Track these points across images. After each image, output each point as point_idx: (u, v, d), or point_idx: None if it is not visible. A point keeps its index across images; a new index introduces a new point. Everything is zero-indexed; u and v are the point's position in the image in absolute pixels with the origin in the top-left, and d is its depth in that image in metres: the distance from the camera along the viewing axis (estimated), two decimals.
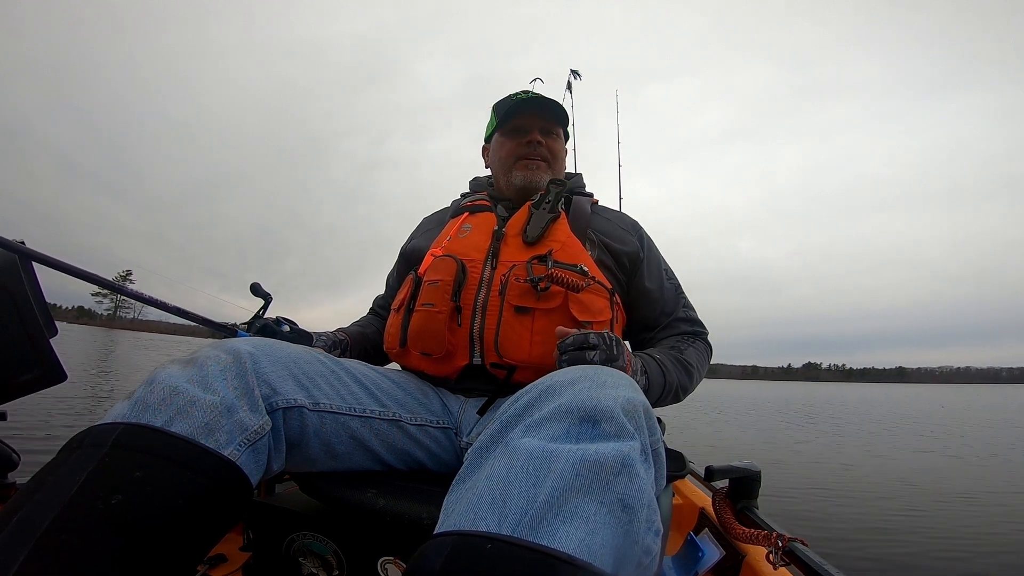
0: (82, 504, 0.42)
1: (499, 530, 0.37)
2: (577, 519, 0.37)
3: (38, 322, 0.68)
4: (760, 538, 0.77)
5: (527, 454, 0.41)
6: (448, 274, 0.82)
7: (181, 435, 0.49)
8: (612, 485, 0.39)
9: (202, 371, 0.55)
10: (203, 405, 0.51)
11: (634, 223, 1.03)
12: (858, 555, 2.58)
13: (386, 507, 0.64)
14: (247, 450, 0.53)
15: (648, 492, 0.42)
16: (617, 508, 0.38)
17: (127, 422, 0.49)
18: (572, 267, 0.81)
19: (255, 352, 0.61)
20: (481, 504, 0.39)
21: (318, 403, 0.64)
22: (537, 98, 1.01)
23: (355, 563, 0.69)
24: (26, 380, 0.69)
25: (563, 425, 0.43)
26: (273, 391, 0.60)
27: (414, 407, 0.77)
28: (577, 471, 0.39)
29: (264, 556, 0.75)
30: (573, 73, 2.48)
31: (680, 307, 1.00)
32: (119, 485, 0.44)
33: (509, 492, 0.39)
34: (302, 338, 0.88)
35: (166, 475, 0.46)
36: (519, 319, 0.78)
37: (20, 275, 0.68)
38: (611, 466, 0.40)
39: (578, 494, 0.38)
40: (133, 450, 0.46)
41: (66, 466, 0.46)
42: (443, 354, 0.81)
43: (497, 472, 0.41)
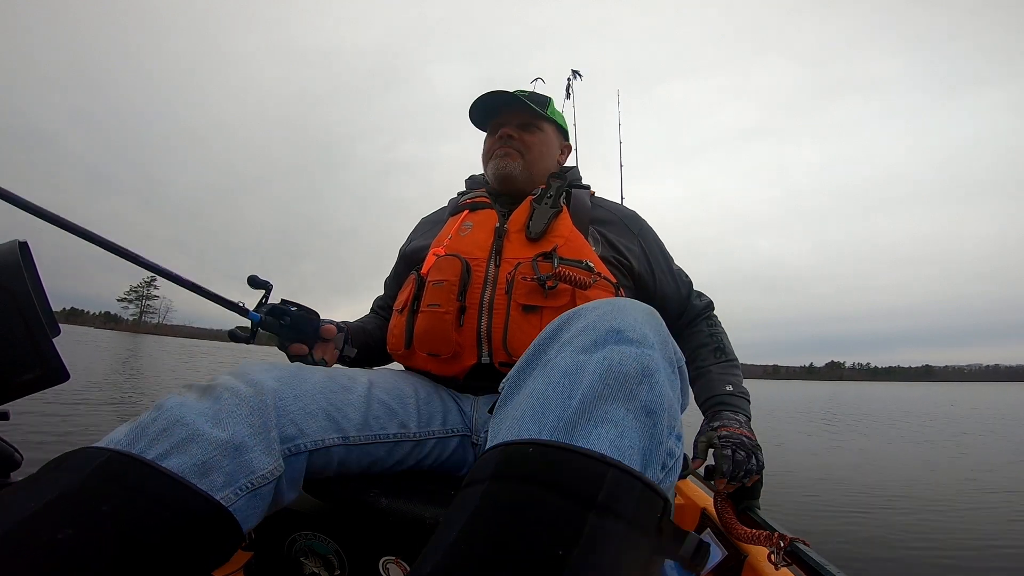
0: (25, 535, 0.38)
1: (539, 436, 0.40)
2: (607, 423, 0.40)
3: (40, 321, 0.68)
4: (762, 538, 0.77)
5: (561, 370, 0.45)
6: (453, 274, 0.82)
7: (170, 472, 0.45)
8: (635, 392, 0.43)
9: (216, 404, 0.53)
10: (205, 441, 0.49)
11: (633, 214, 1.03)
12: (860, 555, 2.58)
13: (388, 507, 0.64)
14: (246, 495, 0.50)
15: (669, 398, 0.45)
16: (641, 413, 0.42)
17: (117, 449, 0.46)
18: (577, 263, 0.81)
19: (280, 389, 0.59)
20: (524, 418, 0.43)
21: (347, 437, 0.64)
22: (501, 94, 1.01)
23: (357, 563, 0.69)
24: (28, 379, 0.69)
25: (591, 337, 0.47)
26: (300, 431, 0.58)
27: (430, 419, 0.76)
28: (604, 380, 0.43)
29: (266, 556, 0.75)
30: (574, 73, 2.48)
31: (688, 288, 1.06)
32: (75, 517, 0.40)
33: (547, 405, 0.43)
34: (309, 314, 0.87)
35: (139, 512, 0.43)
36: (527, 318, 0.77)
37: (23, 274, 0.68)
38: (634, 375, 0.43)
39: (606, 401, 0.42)
40: (110, 481, 0.43)
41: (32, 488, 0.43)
42: (450, 354, 0.81)
43: (536, 389, 0.45)
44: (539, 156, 1.03)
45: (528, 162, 1.01)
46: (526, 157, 1.01)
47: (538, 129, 1.03)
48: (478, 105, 1.03)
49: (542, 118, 1.04)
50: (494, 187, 1.03)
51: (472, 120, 1.08)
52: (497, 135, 1.02)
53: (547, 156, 1.05)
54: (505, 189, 1.01)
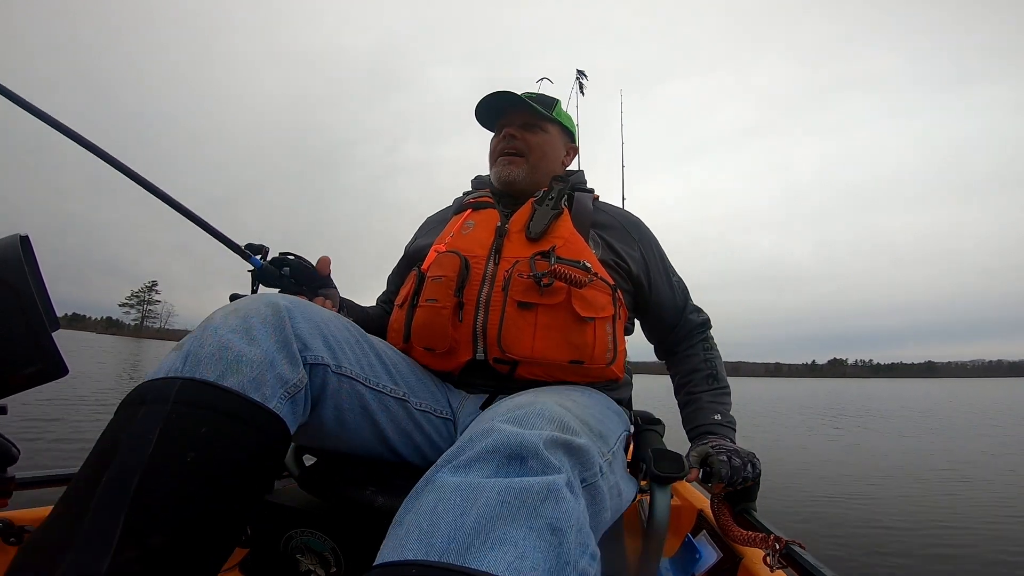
0: (162, 461, 0.45)
1: (427, 558, 0.37)
2: (506, 544, 0.37)
3: (40, 316, 0.68)
4: (758, 540, 0.77)
5: (453, 487, 0.42)
6: (451, 270, 0.83)
7: (234, 390, 0.51)
8: (539, 510, 0.39)
9: (246, 323, 0.57)
10: (250, 359, 0.54)
11: (636, 221, 1.04)
12: (856, 557, 2.58)
13: (384, 504, 0.64)
14: (288, 402, 0.56)
15: (578, 516, 0.42)
16: (546, 532, 0.39)
17: (183, 377, 0.51)
18: (575, 263, 0.82)
19: (291, 307, 0.63)
20: (408, 537, 0.39)
21: (341, 366, 0.66)
22: (506, 94, 1.02)
23: (353, 560, 0.69)
24: (27, 374, 0.69)
25: (491, 465, 0.44)
26: (305, 346, 0.62)
27: (422, 393, 0.78)
28: (503, 499, 0.39)
29: (262, 553, 0.75)
30: (580, 73, 2.49)
31: (684, 299, 1.06)
32: (190, 442, 0.47)
33: (436, 523, 0.39)
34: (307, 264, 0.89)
35: (227, 430, 0.49)
36: (522, 315, 0.78)
37: (23, 269, 0.68)
38: (537, 493, 0.40)
39: (505, 521, 0.38)
40: (194, 406, 0.49)
41: (136, 423, 0.48)
42: (446, 349, 0.81)
43: (425, 507, 0.41)
44: (542, 157, 1.03)
45: (531, 163, 1.02)
46: (528, 158, 1.02)
47: (542, 130, 1.04)
48: (483, 105, 1.04)
49: (546, 119, 1.04)
50: (497, 187, 1.04)
51: (479, 120, 1.09)
52: (501, 135, 1.03)
53: (550, 157, 1.05)
54: (508, 192, 1.03)
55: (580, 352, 0.78)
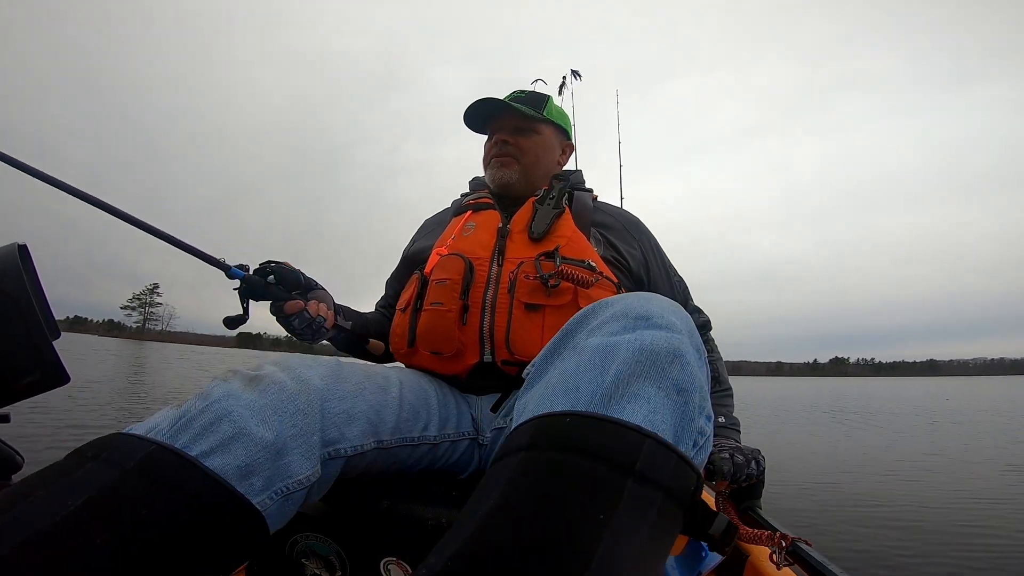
0: (59, 537, 0.37)
1: (574, 408, 0.41)
2: (640, 399, 0.41)
3: (40, 324, 0.68)
4: (763, 538, 0.77)
5: (593, 348, 0.46)
6: (456, 273, 0.82)
7: (213, 472, 0.44)
8: (667, 371, 0.43)
9: (263, 398, 0.51)
10: (250, 442, 0.47)
11: (635, 220, 1.03)
12: (863, 555, 2.57)
13: (389, 508, 0.64)
14: (280, 499, 0.49)
15: (699, 378, 0.46)
16: (672, 391, 0.43)
17: (160, 442, 0.44)
18: (580, 263, 0.81)
19: (325, 389, 0.58)
20: (556, 394, 0.44)
21: (381, 441, 0.64)
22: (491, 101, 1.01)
23: (358, 564, 0.69)
24: (29, 382, 0.69)
25: (620, 323, 0.48)
26: (342, 436, 0.58)
27: (448, 421, 0.77)
28: (637, 358, 0.43)
29: (267, 557, 0.75)
30: (574, 73, 2.48)
31: (684, 300, 1.06)
32: (114, 522, 0.39)
33: (580, 380, 0.44)
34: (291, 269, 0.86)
35: (179, 513, 0.42)
36: (529, 316, 0.78)
37: (23, 277, 0.68)
38: (665, 355, 0.44)
39: (639, 378, 0.42)
40: (152, 479, 0.42)
41: (67, 479, 0.41)
42: (453, 353, 0.81)
43: (568, 367, 0.46)
44: (535, 160, 1.02)
45: (524, 167, 1.01)
46: (522, 162, 1.01)
47: (534, 132, 1.03)
48: (470, 114, 1.03)
49: (537, 120, 1.03)
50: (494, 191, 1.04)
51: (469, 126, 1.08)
52: (492, 141, 1.03)
53: (545, 158, 1.04)
54: (504, 195, 1.02)
55: None
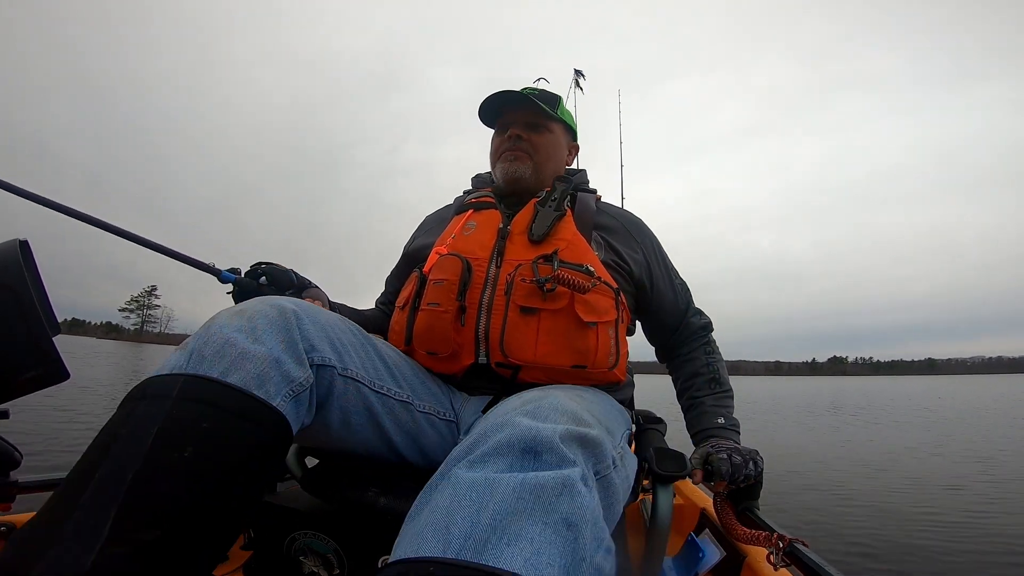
0: (159, 456, 0.45)
1: (443, 555, 0.37)
2: (522, 540, 0.37)
3: (41, 320, 0.68)
4: (761, 539, 0.77)
5: (469, 483, 0.42)
6: (453, 273, 0.82)
7: (237, 386, 0.51)
8: (554, 505, 0.40)
9: (251, 323, 0.57)
10: (254, 357, 0.54)
11: (638, 222, 1.03)
12: (859, 556, 2.57)
13: (387, 506, 0.64)
14: (291, 401, 0.56)
15: (593, 511, 0.42)
16: (561, 527, 0.39)
17: (187, 373, 0.51)
18: (578, 267, 0.81)
19: (298, 310, 0.63)
20: (425, 533, 0.40)
21: (347, 368, 0.66)
22: (512, 93, 1.00)
23: (356, 562, 0.69)
24: (29, 378, 0.69)
25: (506, 459, 0.44)
26: (312, 347, 0.62)
27: (425, 395, 0.78)
28: (519, 495, 0.40)
29: (265, 555, 0.75)
30: (577, 73, 2.49)
31: (687, 302, 1.06)
32: (190, 437, 0.47)
33: (452, 519, 0.39)
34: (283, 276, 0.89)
35: (228, 426, 0.49)
36: (525, 319, 0.77)
37: (23, 273, 0.68)
38: (552, 488, 0.40)
39: (521, 516, 0.38)
40: (197, 401, 0.49)
41: (135, 418, 0.47)
42: (449, 353, 0.81)
43: (441, 503, 0.42)
44: (547, 158, 1.02)
45: (537, 164, 1.01)
46: (535, 159, 1.00)
47: (547, 130, 1.03)
48: (487, 104, 1.02)
49: (551, 118, 1.03)
50: (502, 188, 1.03)
51: (481, 118, 1.07)
52: (506, 135, 1.01)
53: (555, 157, 1.04)
54: (512, 190, 1.01)
55: (583, 357, 0.78)
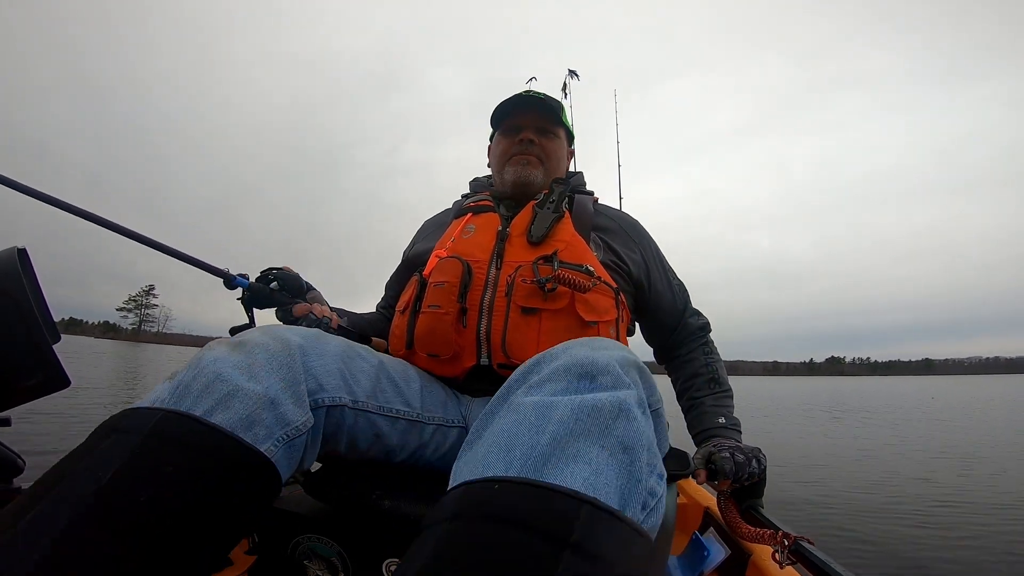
0: (108, 499, 0.40)
1: (506, 474, 0.38)
2: (580, 460, 0.38)
3: (41, 328, 0.68)
4: (766, 537, 0.77)
5: (530, 407, 0.43)
6: (454, 276, 0.82)
7: (220, 427, 0.47)
8: (611, 428, 0.41)
9: (249, 358, 0.53)
10: (246, 396, 0.50)
11: (635, 223, 1.04)
12: (865, 553, 2.57)
13: (391, 508, 0.64)
14: (284, 446, 0.52)
15: (648, 435, 0.43)
16: (618, 450, 0.40)
17: (167, 408, 0.47)
18: (578, 267, 0.81)
19: (304, 344, 0.60)
20: (488, 456, 0.41)
21: (357, 401, 0.65)
22: (528, 96, 1.01)
23: (360, 565, 0.69)
24: (30, 386, 0.69)
25: (562, 383, 0.45)
26: (320, 387, 0.60)
27: (433, 405, 0.78)
28: (577, 416, 0.41)
29: (270, 559, 0.75)
30: (571, 73, 2.48)
31: (684, 302, 1.07)
32: (149, 480, 0.42)
33: (514, 442, 0.41)
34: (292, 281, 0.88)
35: (199, 470, 0.45)
36: (526, 320, 0.78)
37: (23, 281, 0.68)
38: (609, 411, 0.41)
39: (579, 438, 0.39)
40: (169, 441, 0.45)
41: (95, 455, 0.43)
42: (450, 355, 0.81)
43: (502, 427, 0.43)
44: (556, 164, 1.05)
45: (547, 169, 1.02)
46: (546, 164, 1.02)
47: (555, 135, 1.05)
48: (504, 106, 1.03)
49: (559, 124, 1.05)
50: (507, 190, 1.03)
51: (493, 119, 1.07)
52: (517, 138, 1.02)
53: (561, 163, 1.07)
54: (519, 193, 1.01)
55: None
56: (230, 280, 0.80)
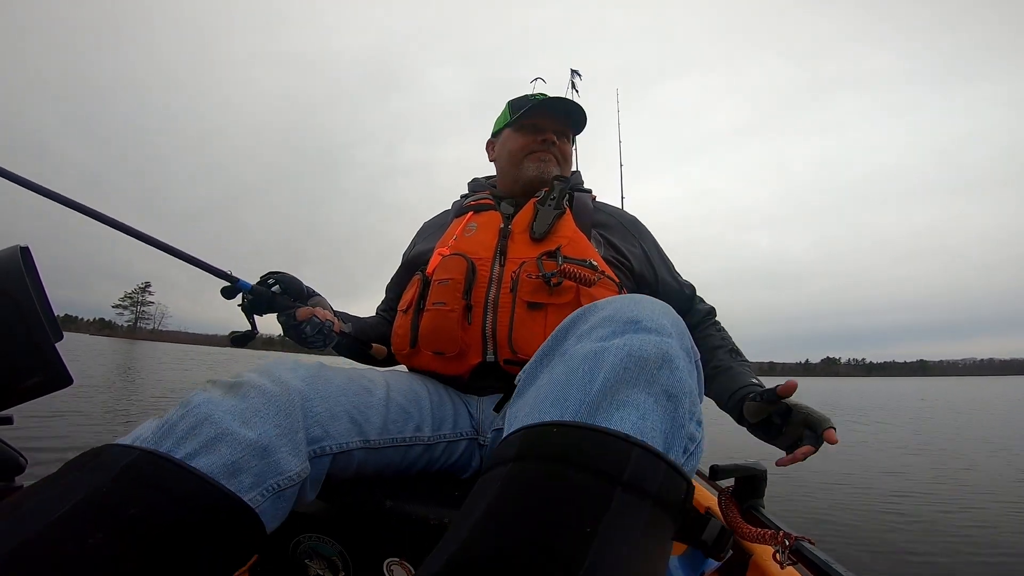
0: (53, 539, 0.37)
1: (562, 418, 0.41)
2: (628, 406, 0.41)
3: (43, 326, 0.68)
4: (767, 537, 0.76)
5: (582, 356, 0.46)
6: (458, 272, 0.82)
7: (199, 471, 0.44)
8: (656, 377, 0.43)
9: (244, 402, 0.51)
10: (234, 441, 0.47)
11: (634, 220, 1.05)
12: (866, 553, 2.57)
13: (393, 508, 0.64)
14: (272, 496, 0.49)
15: (689, 383, 0.46)
16: (663, 397, 0.43)
17: (145, 448, 0.45)
18: (581, 262, 0.82)
19: (306, 389, 0.58)
20: (544, 403, 0.44)
21: (368, 440, 0.64)
22: (562, 101, 1.01)
23: (361, 565, 0.69)
24: (32, 384, 0.69)
25: (610, 327, 0.48)
26: (325, 433, 0.58)
27: (444, 419, 0.77)
28: (625, 364, 0.43)
29: (270, 558, 0.75)
30: (574, 73, 2.48)
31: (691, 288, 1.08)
32: (105, 521, 0.39)
33: (568, 389, 0.43)
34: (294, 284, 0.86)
35: (168, 516, 0.42)
36: (532, 315, 0.78)
37: (25, 280, 0.68)
38: (654, 360, 0.44)
39: (627, 385, 0.42)
40: (138, 482, 0.42)
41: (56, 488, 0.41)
42: (456, 353, 0.81)
43: (556, 375, 0.46)
44: (569, 166, 1.07)
45: (562, 171, 1.04)
46: (561, 166, 1.04)
47: (569, 140, 1.07)
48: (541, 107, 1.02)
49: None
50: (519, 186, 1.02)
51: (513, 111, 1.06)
52: (540, 137, 1.02)
53: (571, 165, 1.09)
54: (533, 190, 1.00)
55: None
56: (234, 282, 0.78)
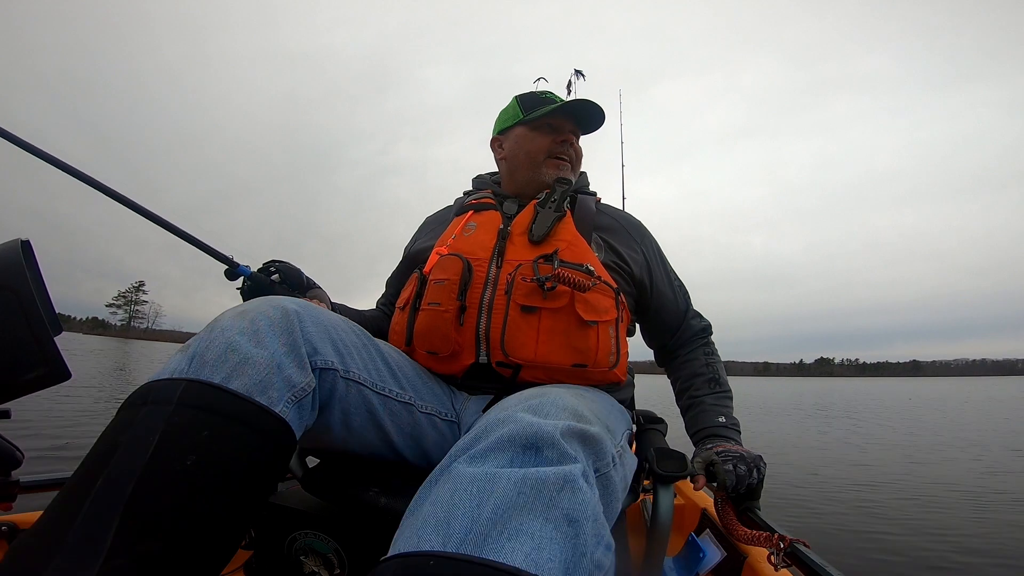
0: (161, 466, 0.44)
1: (444, 549, 0.37)
2: (523, 535, 0.37)
3: (43, 320, 0.68)
4: (762, 539, 0.77)
5: (470, 478, 0.42)
6: (454, 273, 0.82)
7: (239, 393, 0.51)
8: (555, 501, 0.39)
9: (254, 325, 0.57)
10: (256, 362, 0.53)
11: (638, 224, 1.04)
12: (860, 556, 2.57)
13: (387, 506, 0.64)
14: (294, 406, 0.55)
15: (594, 507, 0.42)
16: (563, 523, 0.39)
17: (187, 378, 0.50)
18: (578, 267, 0.81)
19: (300, 311, 0.62)
20: (425, 527, 0.39)
21: (349, 371, 0.66)
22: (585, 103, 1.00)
23: (356, 562, 0.69)
24: (31, 378, 0.69)
25: (507, 454, 0.44)
26: (315, 350, 0.61)
27: (427, 395, 0.78)
28: (519, 489, 0.39)
29: (266, 554, 0.75)
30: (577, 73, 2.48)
31: (686, 303, 1.07)
32: (191, 445, 0.46)
33: (453, 513, 0.39)
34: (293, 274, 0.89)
35: (230, 433, 0.49)
36: (525, 318, 0.78)
37: (25, 273, 0.68)
38: (553, 483, 0.40)
39: (522, 511, 0.38)
40: (198, 408, 0.48)
41: (137, 425, 0.47)
42: (449, 353, 0.81)
43: (441, 497, 0.42)
44: (579, 167, 1.08)
45: (575, 174, 1.05)
46: (575, 168, 1.05)
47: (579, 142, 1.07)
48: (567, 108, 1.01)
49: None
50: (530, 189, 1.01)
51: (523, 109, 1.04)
52: (562, 138, 1.02)
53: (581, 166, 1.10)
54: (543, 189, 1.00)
55: (583, 356, 0.78)
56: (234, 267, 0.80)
